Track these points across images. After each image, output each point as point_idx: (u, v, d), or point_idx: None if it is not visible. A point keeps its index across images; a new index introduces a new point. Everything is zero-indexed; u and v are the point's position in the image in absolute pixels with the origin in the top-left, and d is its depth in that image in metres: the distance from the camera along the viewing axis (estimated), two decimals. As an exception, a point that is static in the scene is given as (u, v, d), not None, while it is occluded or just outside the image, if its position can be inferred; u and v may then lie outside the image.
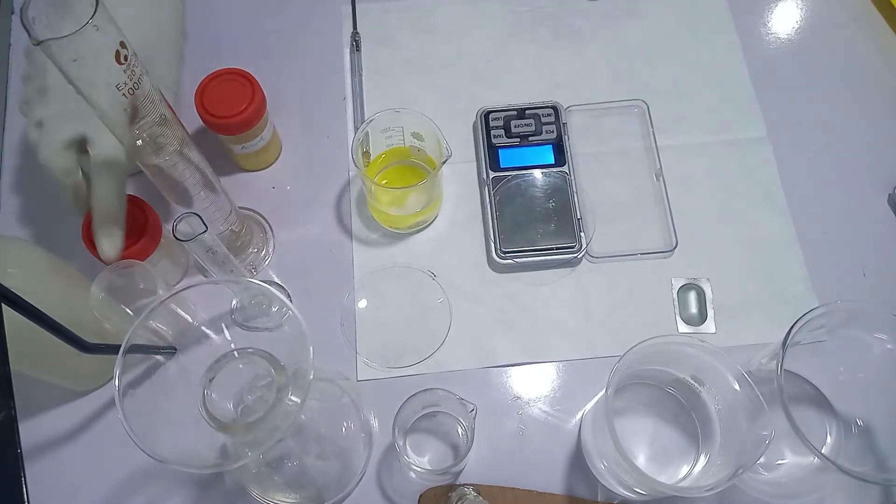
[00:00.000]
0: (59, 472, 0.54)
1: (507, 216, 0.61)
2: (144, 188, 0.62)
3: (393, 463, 0.54)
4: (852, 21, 0.71)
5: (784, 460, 0.52)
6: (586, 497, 0.53)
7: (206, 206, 0.52)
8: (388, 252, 0.62)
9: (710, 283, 0.60)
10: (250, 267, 0.61)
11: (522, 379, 0.57)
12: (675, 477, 0.52)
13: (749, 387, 0.43)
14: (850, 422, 0.54)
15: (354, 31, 0.71)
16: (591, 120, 0.66)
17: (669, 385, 0.54)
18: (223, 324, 0.54)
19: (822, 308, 0.46)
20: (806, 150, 0.65)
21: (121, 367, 0.37)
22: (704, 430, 0.52)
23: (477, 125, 0.65)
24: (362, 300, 0.60)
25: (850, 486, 0.53)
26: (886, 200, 0.63)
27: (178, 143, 0.46)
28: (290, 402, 0.38)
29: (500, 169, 0.62)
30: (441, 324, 0.59)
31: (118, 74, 0.39)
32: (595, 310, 0.59)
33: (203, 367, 0.39)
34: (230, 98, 0.56)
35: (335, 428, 0.53)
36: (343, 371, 0.57)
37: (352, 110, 0.67)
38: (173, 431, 0.38)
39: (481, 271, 0.61)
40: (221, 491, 0.54)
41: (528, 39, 0.70)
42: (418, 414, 0.54)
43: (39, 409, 0.56)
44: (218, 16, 0.72)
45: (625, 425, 0.54)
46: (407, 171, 0.63)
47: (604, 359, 0.58)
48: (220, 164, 0.63)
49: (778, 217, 0.63)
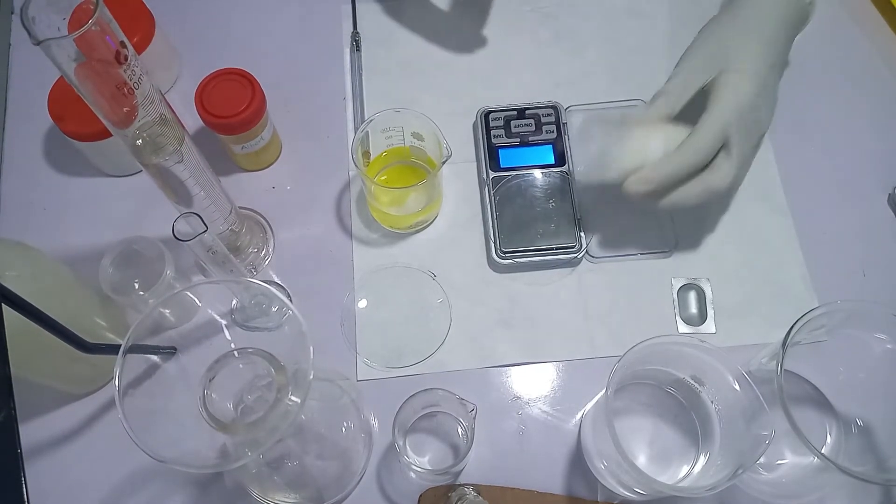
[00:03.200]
0: (59, 472, 0.54)
1: (507, 216, 0.61)
2: (144, 188, 0.63)
3: (393, 463, 0.54)
4: (852, 21, 0.71)
5: (784, 460, 0.52)
6: (586, 497, 0.53)
7: (206, 206, 0.52)
8: (388, 252, 0.62)
9: (710, 283, 0.60)
10: (250, 267, 0.61)
11: (522, 379, 0.57)
12: (675, 477, 0.52)
13: (749, 387, 0.43)
14: (850, 422, 0.54)
15: (354, 31, 0.71)
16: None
17: (669, 385, 0.54)
18: (223, 324, 0.54)
19: (822, 308, 0.47)
20: (806, 150, 0.65)
21: (121, 367, 0.37)
22: (704, 430, 0.52)
23: (477, 125, 0.65)
24: (362, 300, 0.60)
25: (850, 486, 0.53)
26: (886, 200, 0.63)
27: (178, 143, 0.46)
28: (290, 402, 0.38)
29: (500, 169, 0.62)
30: (441, 324, 0.59)
31: (118, 74, 0.39)
32: (595, 310, 0.59)
33: (203, 367, 0.39)
34: (230, 98, 0.56)
35: (335, 428, 0.53)
36: (343, 371, 0.57)
37: (352, 110, 0.67)
38: (173, 431, 0.39)
39: (481, 271, 0.61)
40: (221, 491, 0.54)
41: (528, 39, 0.70)
42: (418, 414, 0.54)
43: (39, 410, 0.56)
44: (218, 16, 0.72)
45: (625, 425, 0.54)
46: (407, 171, 0.63)
47: (604, 359, 0.58)
48: (220, 164, 0.63)
49: (778, 217, 0.63)
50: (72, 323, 0.44)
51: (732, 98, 0.52)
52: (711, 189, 0.52)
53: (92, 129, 0.58)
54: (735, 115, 0.51)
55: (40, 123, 0.66)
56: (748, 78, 0.53)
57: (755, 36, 0.55)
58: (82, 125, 0.58)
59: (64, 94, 0.59)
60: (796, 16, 0.57)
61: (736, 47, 0.54)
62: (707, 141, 0.51)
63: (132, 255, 0.57)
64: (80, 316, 0.52)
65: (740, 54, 0.54)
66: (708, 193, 0.52)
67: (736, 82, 0.53)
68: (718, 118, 0.51)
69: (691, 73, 0.55)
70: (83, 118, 0.58)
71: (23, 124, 0.66)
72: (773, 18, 0.56)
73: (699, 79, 0.54)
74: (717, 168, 0.52)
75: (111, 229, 0.61)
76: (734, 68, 0.53)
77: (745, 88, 0.52)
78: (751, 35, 0.55)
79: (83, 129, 0.58)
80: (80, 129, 0.58)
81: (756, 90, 0.52)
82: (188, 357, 0.50)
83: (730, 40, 0.55)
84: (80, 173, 0.65)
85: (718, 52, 0.55)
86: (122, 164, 0.64)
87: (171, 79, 0.69)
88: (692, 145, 0.51)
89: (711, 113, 0.52)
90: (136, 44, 0.61)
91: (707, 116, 0.52)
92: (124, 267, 0.56)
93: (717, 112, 0.52)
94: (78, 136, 0.59)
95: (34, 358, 0.48)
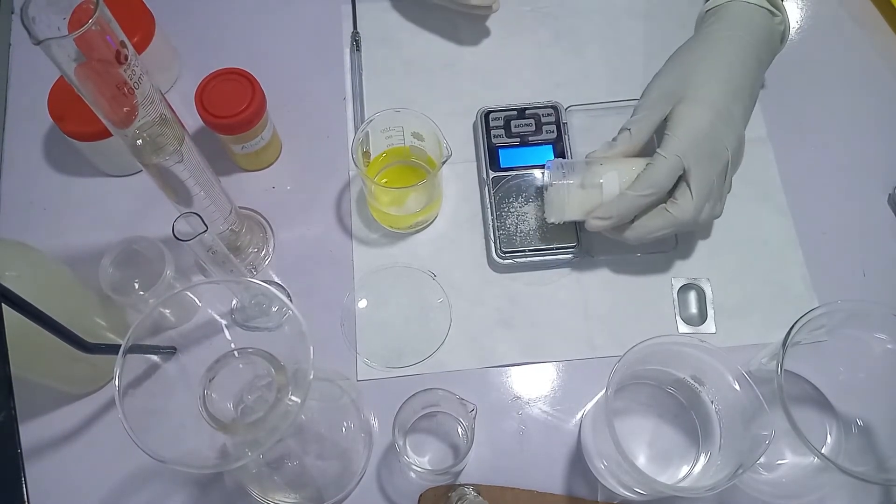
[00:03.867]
0: (59, 473, 0.54)
1: (507, 216, 0.61)
2: (144, 188, 0.63)
3: (393, 463, 0.54)
4: (852, 21, 0.71)
5: (784, 460, 0.52)
6: (586, 497, 0.53)
7: (206, 206, 0.52)
8: (388, 252, 0.62)
9: (710, 283, 0.60)
10: (250, 267, 0.61)
11: (522, 379, 0.57)
12: (675, 477, 0.52)
13: (749, 387, 0.43)
14: (850, 422, 0.54)
15: (354, 31, 0.71)
16: (591, 120, 0.66)
17: (669, 385, 0.54)
18: (223, 324, 0.54)
19: (822, 308, 0.47)
20: (806, 150, 0.65)
21: (121, 367, 0.37)
22: (704, 430, 0.52)
23: (477, 125, 0.65)
24: (362, 300, 0.60)
25: (850, 486, 0.53)
26: (886, 200, 0.63)
27: (178, 143, 0.46)
28: (290, 402, 0.38)
29: (500, 169, 0.62)
30: (441, 324, 0.59)
31: (118, 74, 0.39)
32: (595, 310, 0.59)
33: (203, 367, 0.39)
34: (230, 98, 0.56)
35: (335, 428, 0.53)
36: (343, 371, 0.57)
37: (352, 110, 0.67)
38: (173, 431, 0.39)
39: (481, 271, 0.61)
40: (221, 491, 0.54)
41: (528, 39, 0.70)
42: (418, 414, 0.54)
43: (39, 410, 0.56)
44: (218, 16, 0.72)
45: (625, 425, 0.54)
46: (407, 171, 0.63)
47: (604, 359, 0.58)
48: (220, 164, 0.63)
49: (778, 217, 0.63)
50: (72, 323, 0.44)
51: (686, 128, 0.52)
52: (674, 221, 0.53)
53: (92, 129, 0.58)
54: (689, 145, 0.51)
55: (40, 123, 0.66)
56: (703, 107, 0.52)
57: (713, 63, 0.55)
58: (82, 125, 0.58)
59: (64, 94, 0.59)
60: (765, 38, 0.57)
61: (693, 76, 0.54)
62: (660, 174, 0.51)
63: (132, 255, 0.57)
64: (80, 316, 0.52)
65: (696, 83, 0.54)
66: (671, 225, 0.53)
67: (690, 112, 0.53)
68: (671, 150, 0.51)
69: (651, 107, 0.55)
70: (83, 118, 0.58)
71: (23, 124, 0.66)
72: (735, 44, 0.55)
73: (658, 111, 0.54)
74: (678, 199, 0.52)
75: (111, 229, 0.61)
76: (689, 97, 0.53)
77: (699, 117, 0.52)
78: (708, 62, 0.55)
79: (83, 129, 0.58)
80: (80, 129, 0.58)
81: (711, 118, 0.52)
82: (188, 357, 0.50)
83: (689, 70, 0.55)
84: (80, 173, 0.65)
85: (677, 84, 0.55)
86: (122, 164, 0.64)
87: (171, 79, 0.69)
88: (646, 179, 0.52)
89: (664, 146, 0.52)
90: (136, 44, 0.61)
91: (661, 149, 0.52)
92: (124, 267, 0.56)
93: (670, 144, 0.52)
94: (78, 136, 0.59)
95: (34, 358, 0.48)
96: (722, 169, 0.53)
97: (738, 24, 0.56)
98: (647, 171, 0.52)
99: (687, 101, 0.53)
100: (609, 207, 0.53)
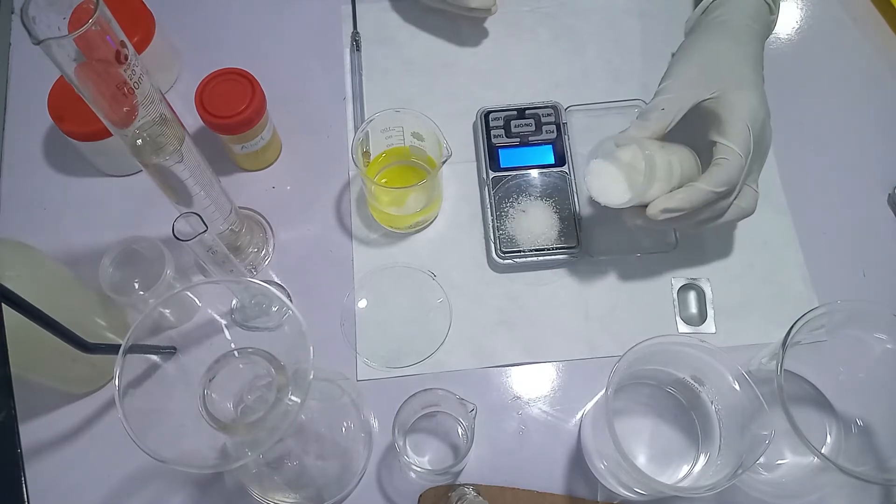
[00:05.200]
0: (59, 473, 0.54)
1: (507, 216, 0.61)
2: (144, 188, 0.63)
3: (393, 463, 0.54)
4: (852, 21, 0.71)
5: (784, 460, 0.52)
6: (586, 497, 0.53)
7: (206, 206, 0.52)
8: (388, 252, 0.62)
9: (710, 283, 0.60)
10: (250, 267, 0.61)
11: (522, 379, 0.57)
12: (675, 477, 0.52)
13: (749, 387, 0.43)
14: (850, 422, 0.54)
15: (354, 31, 0.71)
16: (591, 120, 0.66)
17: (669, 385, 0.54)
18: (223, 324, 0.54)
19: (822, 308, 0.47)
20: (805, 150, 0.65)
21: (121, 367, 0.37)
22: (704, 430, 0.52)
23: (477, 125, 0.65)
24: (362, 300, 0.60)
25: (850, 486, 0.53)
26: (886, 200, 0.63)
27: (178, 142, 0.46)
28: (290, 402, 0.38)
29: (500, 169, 0.62)
30: (441, 324, 0.59)
31: (118, 74, 0.39)
32: (595, 310, 0.59)
33: (203, 367, 0.39)
34: (230, 98, 0.57)
35: (335, 428, 0.53)
36: (343, 371, 0.57)
37: (352, 110, 0.67)
38: (173, 431, 0.39)
39: (481, 271, 0.61)
40: (221, 491, 0.54)
41: (528, 39, 0.70)
42: (418, 414, 0.54)
43: (39, 410, 0.56)
44: (218, 16, 0.72)
45: (625, 425, 0.54)
46: (407, 171, 0.63)
47: (604, 359, 0.58)
48: (220, 164, 0.63)
49: (778, 217, 0.63)
50: (72, 323, 0.44)
51: (749, 118, 0.51)
52: (742, 213, 0.54)
53: (92, 129, 0.58)
54: (755, 137, 0.51)
55: (40, 123, 0.66)
56: (755, 94, 0.52)
57: (744, 51, 0.55)
58: (82, 125, 0.58)
59: (64, 94, 0.59)
60: (765, 30, 0.58)
61: (729, 64, 0.54)
62: (735, 169, 0.50)
63: (132, 255, 0.57)
64: (80, 316, 0.52)
65: (737, 70, 0.53)
66: (738, 218, 0.54)
67: (747, 100, 0.52)
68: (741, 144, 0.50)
69: (684, 90, 0.53)
70: (83, 118, 0.58)
71: (23, 124, 0.67)
72: (752, 34, 0.56)
73: (693, 95, 0.53)
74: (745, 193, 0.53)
75: (111, 229, 0.61)
76: (738, 85, 0.52)
77: (755, 105, 0.52)
78: (741, 51, 0.55)
79: (83, 129, 0.58)
80: (80, 129, 0.58)
81: (761, 104, 0.53)
82: (188, 357, 0.50)
83: (721, 57, 0.55)
84: (80, 173, 0.65)
85: (711, 69, 0.54)
86: (122, 164, 0.64)
87: (171, 79, 0.69)
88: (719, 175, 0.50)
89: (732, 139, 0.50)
90: (136, 44, 0.61)
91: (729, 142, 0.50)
92: (124, 267, 0.57)
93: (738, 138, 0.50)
94: (78, 136, 0.59)
95: (34, 358, 0.48)
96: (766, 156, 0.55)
97: (749, 14, 0.57)
98: (721, 167, 0.50)
99: (738, 89, 0.52)
100: (681, 200, 0.50)
